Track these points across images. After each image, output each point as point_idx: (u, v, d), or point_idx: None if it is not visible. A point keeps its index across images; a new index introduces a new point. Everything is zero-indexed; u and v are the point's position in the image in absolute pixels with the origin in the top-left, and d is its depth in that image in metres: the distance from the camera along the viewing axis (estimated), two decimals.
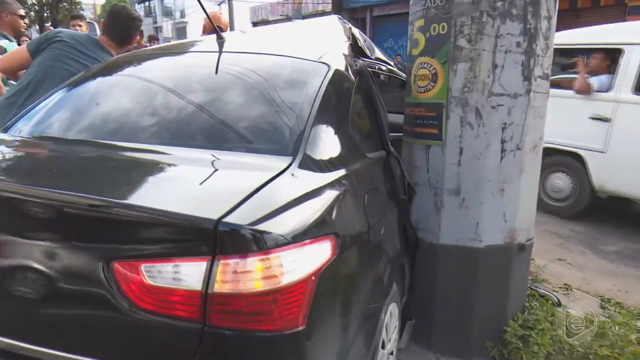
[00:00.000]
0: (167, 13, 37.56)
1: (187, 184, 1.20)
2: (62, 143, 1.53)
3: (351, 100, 1.75)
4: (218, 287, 1.00)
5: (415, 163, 2.22)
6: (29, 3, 22.38)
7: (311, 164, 1.35)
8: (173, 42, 2.83)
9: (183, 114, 1.54)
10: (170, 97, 1.61)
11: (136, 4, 42.36)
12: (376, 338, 1.53)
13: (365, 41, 2.43)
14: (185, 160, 1.33)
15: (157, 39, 8.90)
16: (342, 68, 1.81)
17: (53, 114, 1.71)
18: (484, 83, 1.97)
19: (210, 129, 1.49)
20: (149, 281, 1.02)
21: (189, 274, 1.01)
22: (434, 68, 2.07)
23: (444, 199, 2.10)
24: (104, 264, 1.05)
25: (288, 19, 20.55)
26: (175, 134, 1.48)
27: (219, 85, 1.65)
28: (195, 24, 32.69)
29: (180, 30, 34.23)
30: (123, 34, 2.57)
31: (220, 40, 1.99)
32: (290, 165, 1.30)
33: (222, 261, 0.99)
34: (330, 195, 1.29)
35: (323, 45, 2.00)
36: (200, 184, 1.18)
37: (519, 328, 2.15)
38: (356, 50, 2.19)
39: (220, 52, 1.90)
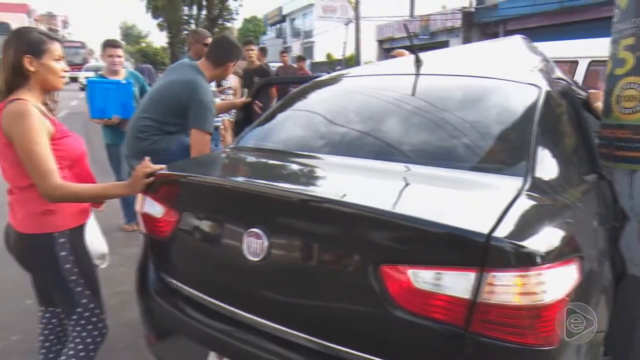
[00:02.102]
0: (296, 34, 39.83)
1: (441, 198, 1.31)
2: (307, 157, 1.76)
3: (564, 121, 1.74)
4: (484, 297, 1.07)
5: (616, 188, 2.10)
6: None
7: (542, 186, 1.38)
8: (377, 64, 2.96)
9: (414, 133, 1.67)
10: (399, 117, 1.76)
11: (269, 26, 45.63)
12: None
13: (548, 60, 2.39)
14: (427, 176, 1.45)
15: (305, 59, 9.51)
16: (551, 89, 1.80)
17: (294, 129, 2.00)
18: None
19: (439, 148, 1.59)
20: (416, 285, 1.13)
21: (455, 282, 1.10)
22: None
23: None
24: (372, 266, 1.19)
25: (415, 36, 20.51)
26: (410, 152, 1.61)
27: (438, 107, 1.75)
28: (321, 43, 34.20)
29: (307, 50, 36.03)
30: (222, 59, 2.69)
31: (419, 63, 2.10)
32: (524, 185, 1.34)
33: (490, 273, 1.06)
34: (573, 217, 1.31)
35: (522, 66, 2.01)
36: (454, 198, 1.28)
37: None
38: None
39: (428, 74, 2.02)
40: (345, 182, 1.51)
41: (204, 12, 29.06)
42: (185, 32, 27.11)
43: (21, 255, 1.78)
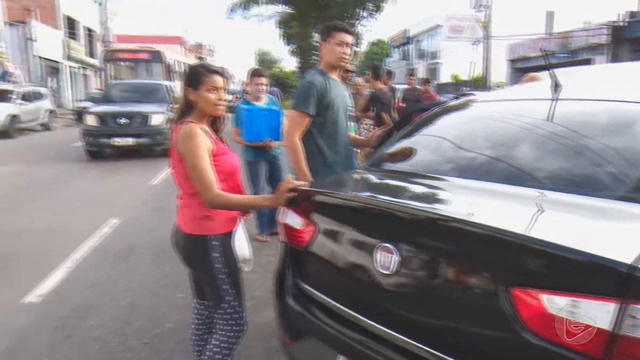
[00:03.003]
0: (421, 55, 39.62)
1: (581, 225, 1.29)
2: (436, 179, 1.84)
3: None
4: (626, 330, 1.04)
5: None
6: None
7: None
8: (510, 89, 2.89)
9: (552, 159, 1.66)
10: (535, 142, 1.76)
11: (393, 49, 46.06)
12: None
13: None
14: (565, 203, 1.44)
15: (430, 81, 9.51)
16: None
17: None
18: None
19: (580, 176, 1.56)
20: (550, 310, 1.13)
21: (594, 311, 1.08)
22: None
23: None
24: (504, 288, 1.21)
25: (552, 54, 19.11)
26: (546, 178, 1.61)
27: (579, 133, 1.71)
28: (447, 65, 33.55)
29: (433, 71, 35.58)
30: None
31: (558, 88, 2.05)
32: None
33: (634, 306, 1.03)
34: None
35: None
36: (595, 227, 1.26)
37: None
38: None
39: (568, 99, 1.96)
40: (477, 204, 1.55)
41: None
42: (315, 57, 28.56)
43: (184, 251, 2.11)
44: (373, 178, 2.12)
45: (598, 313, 1.07)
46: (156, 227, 5.30)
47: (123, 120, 10.39)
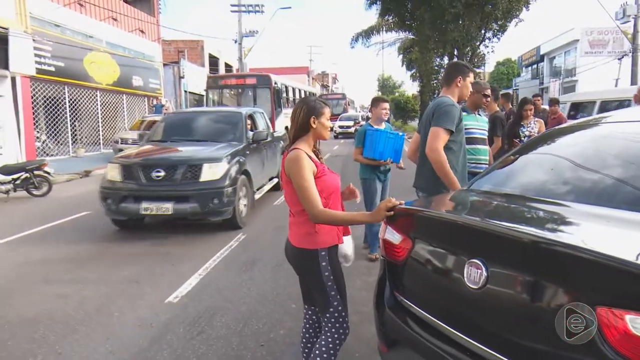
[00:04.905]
0: (555, 73, 36.79)
1: None
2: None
3: None
4: None
5: None
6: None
7: None
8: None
9: None
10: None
11: (524, 67, 43.46)
12: None
13: None
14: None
15: (558, 102, 8.91)
16: None
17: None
18: None
19: None
20: (634, 331, 1.12)
21: None
22: None
23: None
24: (587, 306, 1.22)
25: None
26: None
27: None
28: (585, 82, 30.69)
29: (569, 89, 32.75)
30: None
31: None
32: None
33: None
34: None
35: None
36: None
37: None
38: None
39: None
40: (562, 223, 1.57)
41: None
42: (435, 80, 28.28)
43: (295, 262, 2.36)
44: (466, 198, 2.19)
45: None
46: None
47: (158, 174, 6.09)
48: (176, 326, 3.58)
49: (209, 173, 6.14)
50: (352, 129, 25.90)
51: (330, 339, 2.26)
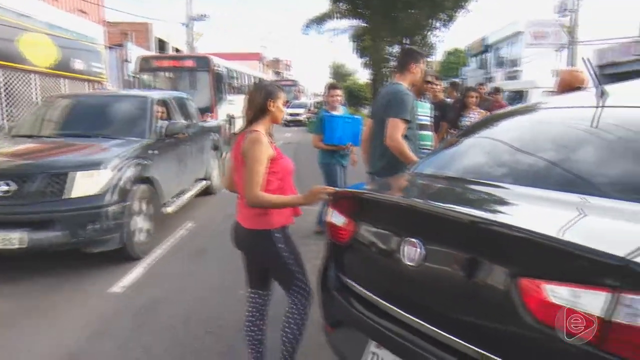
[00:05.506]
0: (500, 64, 38.20)
1: (588, 223, 1.36)
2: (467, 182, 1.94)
3: None
4: (619, 318, 1.10)
5: None
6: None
7: None
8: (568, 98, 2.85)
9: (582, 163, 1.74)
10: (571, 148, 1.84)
11: (470, 57, 44.85)
12: None
13: None
14: (576, 204, 1.50)
15: (500, 90, 9.29)
16: None
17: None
18: None
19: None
20: (551, 299, 1.21)
21: (590, 300, 1.15)
22: None
23: None
24: (511, 278, 1.31)
25: None
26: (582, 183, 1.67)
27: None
28: (527, 72, 32.10)
29: (512, 79, 34.17)
30: None
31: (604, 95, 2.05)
32: None
33: (625, 295, 1.09)
34: None
35: None
36: (598, 225, 1.32)
37: None
38: None
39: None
40: (492, 202, 1.67)
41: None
42: (387, 68, 28.65)
43: (248, 244, 2.41)
44: (413, 181, 2.26)
45: (593, 302, 1.15)
46: None
47: (4, 188, 3.97)
48: (121, 317, 3.49)
49: (83, 185, 4.09)
50: (303, 117, 25.74)
51: (301, 307, 2.41)
